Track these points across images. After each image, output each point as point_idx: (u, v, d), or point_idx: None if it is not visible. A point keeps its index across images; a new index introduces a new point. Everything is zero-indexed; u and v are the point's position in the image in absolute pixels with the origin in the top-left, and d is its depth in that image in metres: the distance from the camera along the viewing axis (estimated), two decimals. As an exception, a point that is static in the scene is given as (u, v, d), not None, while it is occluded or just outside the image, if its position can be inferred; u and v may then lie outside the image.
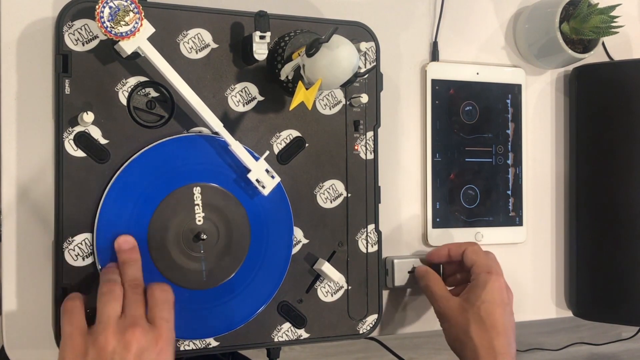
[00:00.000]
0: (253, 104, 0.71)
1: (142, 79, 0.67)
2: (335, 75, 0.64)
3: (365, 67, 0.76)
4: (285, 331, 0.73)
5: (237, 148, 0.67)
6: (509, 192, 0.88)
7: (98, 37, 0.65)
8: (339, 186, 0.75)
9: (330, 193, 0.75)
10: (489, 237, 0.87)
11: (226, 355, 0.94)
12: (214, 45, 0.69)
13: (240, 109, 0.71)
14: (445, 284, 0.80)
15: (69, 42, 0.64)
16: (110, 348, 0.56)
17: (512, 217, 0.89)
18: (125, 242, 0.64)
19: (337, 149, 0.75)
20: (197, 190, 0.67)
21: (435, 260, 0.80)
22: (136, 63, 0.66)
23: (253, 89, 0.71)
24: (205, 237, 0.67)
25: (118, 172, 0.65)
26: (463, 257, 0.77)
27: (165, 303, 0.61)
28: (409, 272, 0.80)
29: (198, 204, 0.67)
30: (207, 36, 0.69)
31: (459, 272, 0.80)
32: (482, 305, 0.72)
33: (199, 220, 0.67)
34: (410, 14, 0.85)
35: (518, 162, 0.89)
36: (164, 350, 0.58)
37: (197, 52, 0.69)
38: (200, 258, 0.68)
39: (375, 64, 0.76)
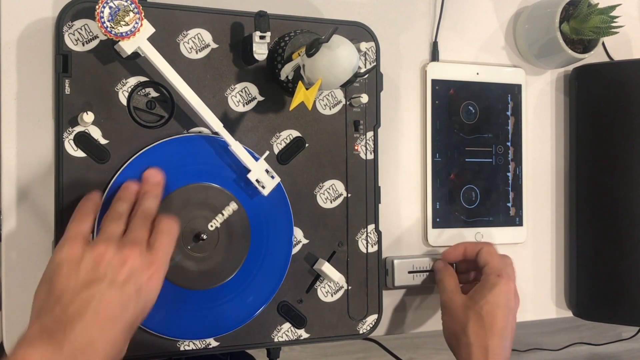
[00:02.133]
0: (253, 104, 0.71)
1: (142, 79, 0.67)
2: (335, 75, 0.64)
3: (365, 67, 0.76)
4: (285, 331, 0.73)
5: (237, 148, 0.67)
6: (509, 192, 0.88)
7: (98, 37, 0.65)
8: (339, 186, 0.75)
9: (330, 193, 0.75)
10: (489, 237, 0.87)
11: (225, 355, 0.94)
12: (214, 45, 0.69)
13: (240, 109, 0.71)
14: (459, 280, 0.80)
15: (69, 42, 0.64)
16: (106, 258, 0.56)
17: (512, 217, 0.89)
18: (154, 175, 0.65)
19: (337, 149, 0.75)
20: (232, 206, 0.68)
21: (451, 259, 0.80)
22: (136, 63, 0.66)
23: (253, 89, 0.71)
24: (205, 237, 0.67)
25: (118, 172, 0.65)
26: (477, 257, 0.77)
27: (169, 234, 0.61)
28: (409, 272, 0.80)
29: (223, 214, 0.67)
30: (207, 36, 0.69)
31: (473, 271, 0.80)
32: (485, 306, 0.72)
33: (211, 226, 0.67)
34: (410, 14, 0.85)
35: (518, 162, 0.89)
36: (154, 277, 0.58)
37: (197, 52, 0.69)
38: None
39: (375, 64, 0.76)
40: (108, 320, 0.55)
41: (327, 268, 0.72)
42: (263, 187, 0.68)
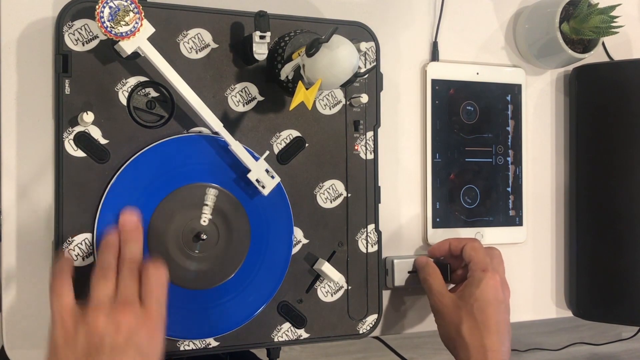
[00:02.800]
0: (253, 104, 0.71)
1: (142, 79, 0.67)
2: (335, 75, 0.64)
3: (365, 67, 0.76)
4: (285, 331, 0.73)
5: (237, 148, 0.67)
6: (509, 192, 0.88)
7: (98, 37, 0.65)
8: (339, 186, 0.75)
9: (330, 193, 0.75)
10: (489, 237, 0.87)
11: (225, 355, 0.94)
12: (214, 45, 0.69)
13: (240, 109, 0.71)
14: (450, 281, 0.80)
15: (69, 42, 0.64)
16: (100, 328, 0.56)
17: (512, 217, 0.89)
18: (129, 220, 0.64)
19: (337, 149, 0.75)
20: (212, 192, 0.67)
21: (437, 254, 0.80)
22: (136, 63, 0.66)
23: (253, 89, 0.71)
24: (205, 237, 0.67)
25: (118, 172, 0.65)
26: (462, 253, 0.77)
27: (158, 284, 0.60)
28: (409, 272, 0.80)
29: (208, 204, 0.67)
30: (207, 36, 0.69)
31: (461, 269, 0.80)
32: (475, 304, 0.72)
33: (204, 221, 0.67)
34: (410, 14, 0.85)
35: (518, 162, 0.89)
36: (154, 331, 0.58)
37: (197, 52, 0.69)
38: (200, 258, 0.67)
39: (375, 64, 0.76)
40: None
41: (327, 268, 0.72)
42: (263, 187, 0.68)
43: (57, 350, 0.56)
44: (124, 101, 0.66)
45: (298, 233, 0.73)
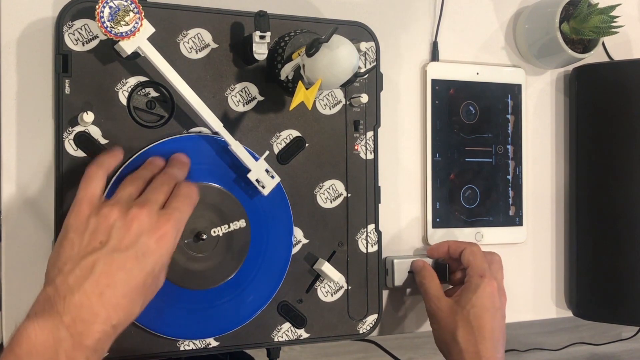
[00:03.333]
0: (253, 104, 0.71)
1: (142, 79, 0.67)
2: (335, 75, 0.64)
3: (365, 67, 0.76)
4: (285, 331, 0.73)
5: (237, 148, 0.67)
6: (509, 192, 0.88)
7: (98, 37, 0.65)
8: (339, 186, 0.75)
9: (330, 193, 0.75)
10: (489, 237, 0.87)
11: (225, 355, 0.94)
12: (214, 45, 0.69)
13: (240, 109, 0.71)
14: (449, 282, 0.80)
15: (69, 42, 0.64)
16: (111, 220, 0.56)
17: (512, 217, 0.89)
18: (183, 156, 0.65)
19: (337, 149, 0.75)
20: (240, 223, 0.68)
21: (435, 256, 0.80)
22: (136, 63, 0.66)
23: (253, 89, 0.71)
24: (205, 237, 0.67)
25: (118, 172, 0.65)
26: (461, 257, 0.77)
27: (187, 197, 0.60)
28: (409, 272, 0.80)
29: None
30: (207, 36, 0.69)
31: (460, 270, 0.80)
32: (472, 310, 0.72)
33: (214, 232, 0.67)
34: (410, 14, 0.85)
35: (518, 162, 0.89)
36: (165, 237, 0.57)
37: (197, 52, 0.69)
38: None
39: (375, 64, 0.76)
40: (109, 287, 0.54)
41: (327, 268, 0.72)
42: (263, 187, 0.68)
43: (66, 233, 0.56)
44: (124, 101, 0.66)
45: (298, 233, 0.73)
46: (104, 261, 0.55)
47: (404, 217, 0.84)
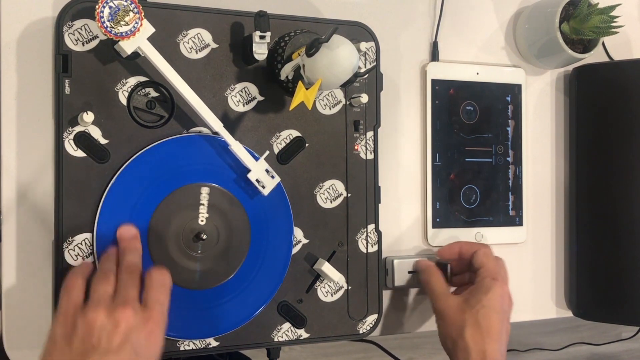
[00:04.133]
0: (253, 104, 0.71)
1: (142, 79, 0.67)
2: (335, 75, 0.64)
3: (365, 67, 0.76)
4: (285, 331, 0.73)
5: (237, 148, 0.67)
6: (509, 192, 0.88)
7: (98, 37, 0.65)
8: (339, 186, 0.75)
9: (330, 193, 0.75)
10: (489, 237, 0.87)
11: (224, 355, 0.94)
12: (214, 45, 0.69)
13: (240, 109, 0.71)
14: (450, 282, 0.80)
15: (69, 42, 0.64)
16: (98, 324, 0.56)
17: (512, 217, 0.89)
18: (127, 231, 0.64)
19: (337, 149, 0.75)
20: (204, 190, 0.67)
21: (446, 257, 0.80)
22: (136, 63, 0.66)
23: (253, 89, 0.71)
24: (205, 237, 0.67)
25: (118, 172, 0.65)
26: (473, 258, 0.77)
27: (161, 286, 0.60)
28: (409, 272, 0.80)
29: (203, 204, 0.67)
30: (207, 36, 0.69)
31: (467, 272, 0.80)
32: (482, 310, 0.72)
33: (202, 220, 0.67)
34: (410, 14, 0.85)
35: (518, 162, 0.89)
36: (153, 333, 0.58)
37: (197, 52, 0.69)
38: (201, 258, 0.67)
39: (375, 64, 0.76)
40: None
41: (327, 268, 0.72)
42: (263, 187, 0.68)
43: (55, 344, 0.56)
44: (124, 101, 0.66)
45: (298, 233, 0.73)
46: None
47: (404, 217, 0.84)
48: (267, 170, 0.68)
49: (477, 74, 0.87)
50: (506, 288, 0.75)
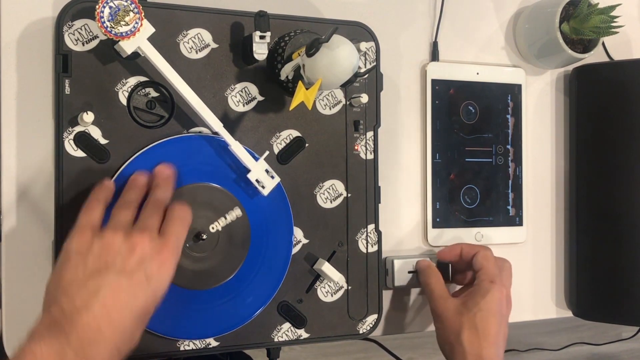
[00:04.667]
0: (253, 104, 0.71)
1: (142, 79, 0.67)
2: (335, 75, 0.64)
3: (365, 67, 0.76)
4: (285, 331, 0.73)
5: (237, 148, 0.67)
6: (509, 192, 0.88)
7: (98, 37, 0.65)
8: (339, 186, 0.75)
9: (330, 193, 0.75)
10: (489, 237, 0.87)
11: (224, 355, 0.94)
12: (214, 45, 0.69)
13: (240, 109, 0.71)
14: (450, 281, 0.80)
15: (69, 42, 0.64)
16: (115, 247, 0.56)
17: (512, 217, 0.89)
18: (165, 169, 0.64)
19: (337, 149, 0.75)
20: (236, 211, 0.66)
21: (447, 258, 0.80)
22: (136, 63, 0.66)
23: (253, 89, 0.71)
24: (205, 237, 0.67)
25: (118, 172, 0.65)
26: (473, 260, 0.77)
27: (181, 220, 0.61)
28: (409, 272, 0.80)
29: (225, 217, 0.67)
30: (207, 36, 0.69)
31: (468, 272, 0.80)
32: (479, 313, 0.72)
33: (212, 228, 0.66)
34: (410, 14, 0.85)
35: (518, 162, 0.89)
36: (166, 262, 0.58)
37: (197, 52, 0.69)
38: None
39: (375, 64, 0.76)
40: (116, 309, 0.54)
41: (327, 268, 0.72)
42: (263, 187, 0.68)
43: (69, 259, 0.56)
44: (124, 101, 0.66)
45: (298, 233, 0.73)
46: (110, 284, 0.55)
47: (404, 217, 0.84)
48: (267, 171, 0.68)
49: (477, 74, 0.87)
50: (504, 291, 0.74)
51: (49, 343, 0.51)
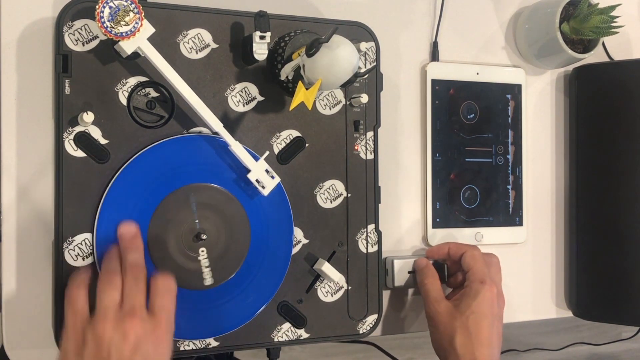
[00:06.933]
0: (253, 104, 0.71)
1: (142, 79, 0.67)
2: (335, 75, 0.64)
3: (365, 67, 0.76)
4: (285, 331, 0.73)
5: (237, 148, 0.67)
6: (509, 192, 0.88)
7: (98, 37, 0.65)
8: (339, 186, 0.75)
9: (330, 193, 0.75)
10: (489, 237, 0.87)
11: (225, 355, 0.94)
12: (214, 45, 0.69)
13: (240, 109, 0.71)
14: (446, 283, 0.80)
15: (69, 42, 0.64)
16: (107, 338, 0.56)
17: (512, 217, 0.89)
18: (127, 230, 0.64)
19: (337, 149, 0.75)
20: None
21: (435, 257, 0.80)
22: (136, 63, 0.66)
23: (253, 89, 0.71)
24: (205, 237, 0.67)
25: (118, 172, 0.65)
26: (461, 261, 0.77)
27: (167, 292, 0.60)
28: (409, 272, 0.80)
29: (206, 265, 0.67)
30: (207, 36, 0.69)
31: (459, 273, 0.80)
32: (471, 316, 0.72)
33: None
34: (410, 14, 0.85)
35: (518, 162, 0.89)
36: (161, 340, 0.58)
37: (197, 52, 0.69)
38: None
39: (375, 64, 0.76)
40: None
41: (327, 268, 0.72)
42: (263, 187, 0.68)
43: (67, 358, 0.57)
44: (124, 101, 0.66)
45: (298, 233, 0.73)
46: None
47: (404, 217, 0.84)
48: (267, 171, 0.68)
49: (477, 74, 0.87)
50: (494, 289, 0.74)
51: None
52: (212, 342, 0.69)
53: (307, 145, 0.73)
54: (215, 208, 0.68)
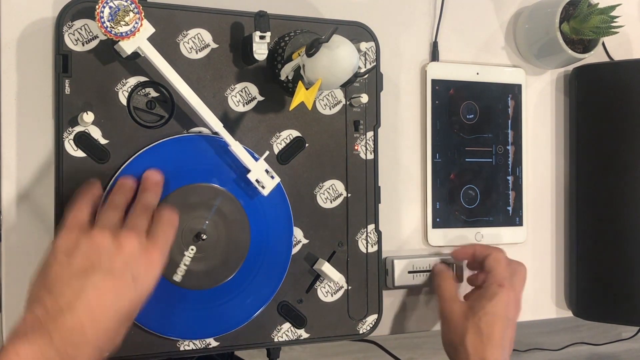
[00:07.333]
0: (253, 104, 0.71)
1: (142, 79, 0.67)
2: (335, 75, 0.64)
3: (365, 67, 0.76)
4: (285, 331, 0.73)
5: (237, 148, 0.67)
6: (509, 192, 0.88)
7: (98, 37, 0.65)
8: (339, 186, 0.75)
9: (330, 193, 0.75)
10: (489, 237, 0.87)
11: (224, 355, 0.94)
12: (214, 45, 0.69)
13: (240, 109, 0.71)
14: (464, 280, 0.80)
15: (69, 42, 0.64)
16: (103, 245, 0.56)
17: (512, 217, 0.89)
18: (153, 175, 0.64)
19: (337, 149, 0.75)
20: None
21: (460, 258, 0.81)
22: (136, 63, 0.66)
23: (253, 89, 0.71)
24: (205, 237, 0.67)
25: (118, 172, 0.65)
26: (484, 262, 0.77)
27: (170, 224, 0.60)
28: (409, 272, 0.80)
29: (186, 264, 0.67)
30: (207, 36, 0.69)
31: (481, 273, 0.79)
32: (484, 317, 0.72)
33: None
34: (410, 14, 0.85)
35: (518, 162, 0.89)
36: (153, 264, 0.57)
37: (197, 52, 0.69)
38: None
39: (375, 64, 0.76)
40: (101, 310, 0.54)
41: (327, 268, 0.72)
42: (263, 187, 0.68)
43: (55, 257, 0.56)
44: (124, 101, 0.66)
45: (298, 233, 0.73)
46: (95, 284, 0.54)
47: (404, 217, 0.84)
48: (267, 171, 0.68)
49: (477, 74, 0.87)
50: (512, 294, 0.74)
51: (32, 342, 0.51)
52: (212, 342, 0.69)
53: (307, 145, 0.73)
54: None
